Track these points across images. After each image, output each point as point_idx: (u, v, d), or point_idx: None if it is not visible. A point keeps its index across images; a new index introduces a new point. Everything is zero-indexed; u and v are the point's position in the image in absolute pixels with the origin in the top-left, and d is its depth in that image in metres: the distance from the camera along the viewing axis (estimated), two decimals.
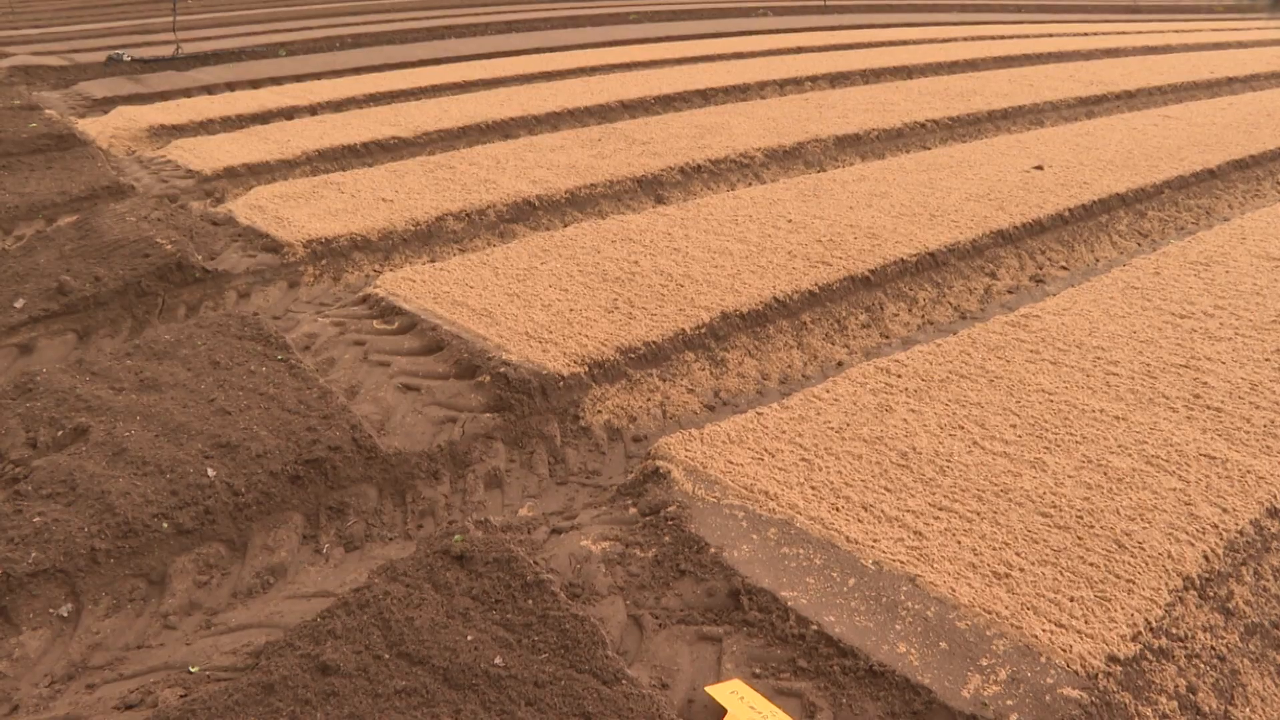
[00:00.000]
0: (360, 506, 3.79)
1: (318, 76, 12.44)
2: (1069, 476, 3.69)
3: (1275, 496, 3.61)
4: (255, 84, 11.90)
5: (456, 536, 3.25)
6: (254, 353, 4.62)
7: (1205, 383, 4.51)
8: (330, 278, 6.03)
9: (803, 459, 3.77)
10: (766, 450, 3.83)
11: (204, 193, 7.48)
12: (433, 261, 6.12)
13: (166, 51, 13.93)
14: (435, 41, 16.31)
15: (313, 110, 10.28)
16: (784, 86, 12.21)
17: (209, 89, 11.60)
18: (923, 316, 5.73)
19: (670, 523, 3.39)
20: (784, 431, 3.98)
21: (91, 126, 9.27)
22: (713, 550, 3.23)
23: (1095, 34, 20.99)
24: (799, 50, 15.56)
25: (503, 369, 4.42)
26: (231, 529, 3.53)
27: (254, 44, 15.09)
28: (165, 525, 3.42)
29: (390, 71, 12.73)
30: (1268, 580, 3.31)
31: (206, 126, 9.43)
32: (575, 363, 4.52)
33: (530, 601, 2.96)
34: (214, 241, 6.22)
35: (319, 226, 6.35)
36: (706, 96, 11.27)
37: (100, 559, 3.29)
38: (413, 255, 6.35)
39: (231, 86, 11.76)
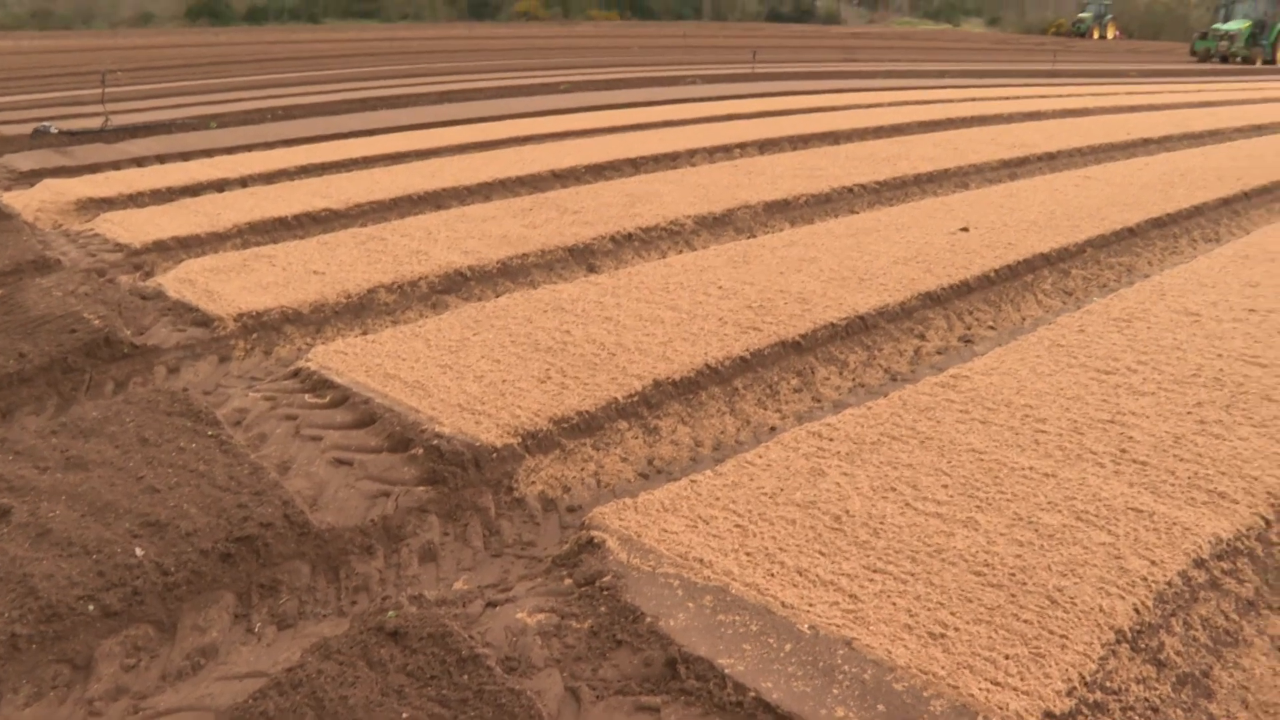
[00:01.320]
0: (293, 584, 3.75)
1: (249, 148, 12.43)
2: (1001, 535, 3.73)
3: (1201, 547, 3.67)
4: (185, 156, 11.86)
5: (390, 612, 3.23)
6: (184, 429, 4.57)
7: (1130, 437, 4.59)
8: (262, 352, 5.99)
9: (737, 525, 3.79)
10: (701, 517, 3.84)
11: (133, 266, 7.42)
12: (365, 334, 6.11)
13: (95, 123, 13.87)
14: (368, 113, 16.36)
15: (244, 182, 10.26)
16: (714, 154, 12.37)
17: (138, 161, 11.55)
18: (853, 379, 5.79)
19: (606, 593, 3.39)
20: (718, 498, 3.99)
21: (17, 199, 9.18)
22: (649, 620, 3.23)
23: (1017, 98, 21.48)
24: (729, 118, 15.77)
25: (436, 441, 4.40)
26: (160, 610, 3.48)
27: (184, 116, 15.06)
28: (91, 608, 3.36)
29: (322, 143, 12.76)
30: (1196, 630, 3.36)
31: (136, 199, 9.38)
32: (508, 434, 4.52)
33: (466, 677, 2.94)
34: (143, 316, 6.17)
35: (250, 300, 6.32)
36: (637, 165, 11.38)
37: (21, 645, 3.22)
38: (345, 328, 6.33)
39: (161, 159, 11.71)
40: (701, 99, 18.71)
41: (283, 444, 4.59)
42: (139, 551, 3.60)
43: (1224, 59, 50.81)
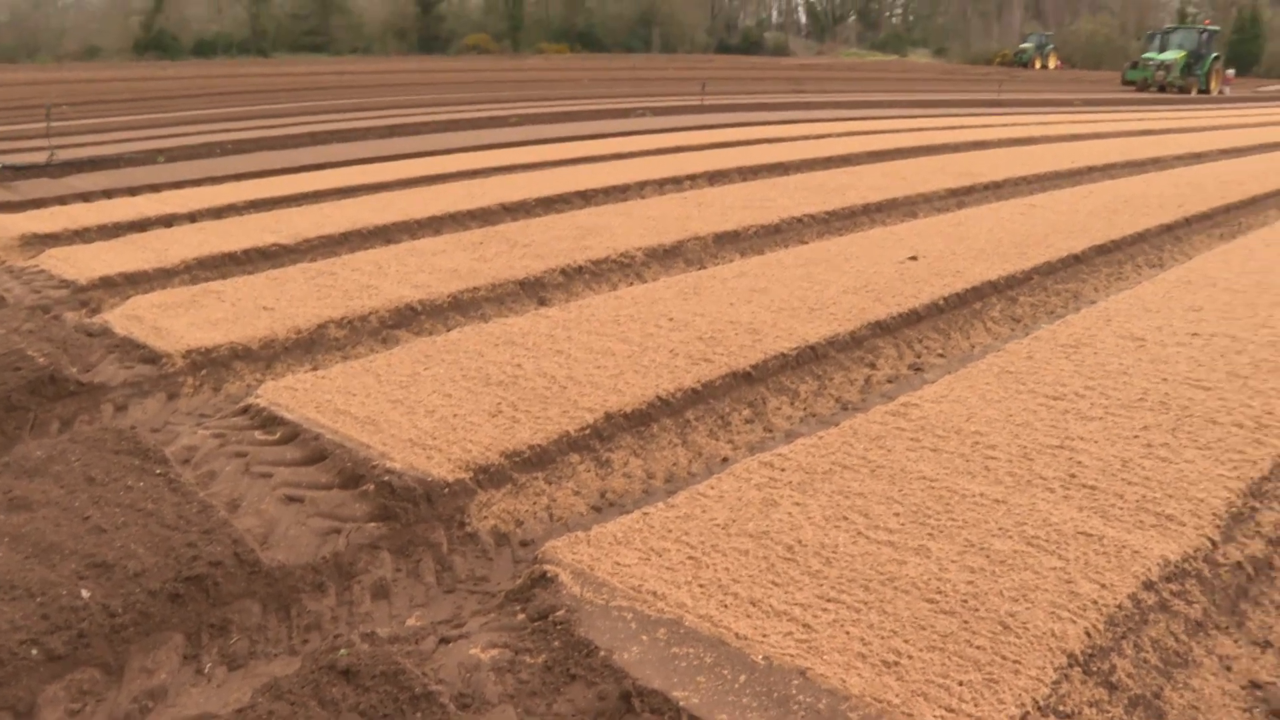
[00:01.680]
0: (243, 623, 3.71)
1: (197, 183, 12.35)
2: (952, 561, 3.75)
3: (1150, 570, 3.72)
4: (133, 191, 11.77)
5: (342, 650, 3.20)
6: (131, 468, 4.52)
7: (1079, 462, 4.64)
8: (211, 388, 5.95)
9: (690, 557, 3.79)
10: (654, 550, 3.84)
11: (79, 303, 7.35)
12: (315, 369, 6.07)
13: (40, 158, 13.73)
14: (317, 147, 16.33)
15: (192, 217, 10.19)
16: (664, 185, 12.43)
17: (85, 196, 11.44)
18: (805, 409, 5.82)
19: (559, 627, 3.38)
20: (670, 530, 4.00)
21: None
22: (603, 653, 3.23)
23: (963, 127, 21.76)
24: (678, 150, 15.86)
25: (387, 477, 4.38)
26: (107, 652, 3.43)
27: (131, 150, 14.95)
28: (35, 651, 3.31)
29: (272, 177, 12.71)
30: (1147, 652, 3.40)
31: (82, 235, 9.29)
32: (460, 468, 4.51)
33: (419, 714, 2.92)
34: (89, 353, 6.10)
35: (199, 336, 6.27)
36: (587, 197, 11.41)
37: None
38: (295, 363, 6.29)
39: (108, 194, 11.61)
40: (651, 131, 18.81)
41: (232, 481, 4.55)
42: (85, 593, 3.56)
43: (1161, 88, 51.79)
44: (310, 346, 6.47)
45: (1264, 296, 7.77)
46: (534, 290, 7.74)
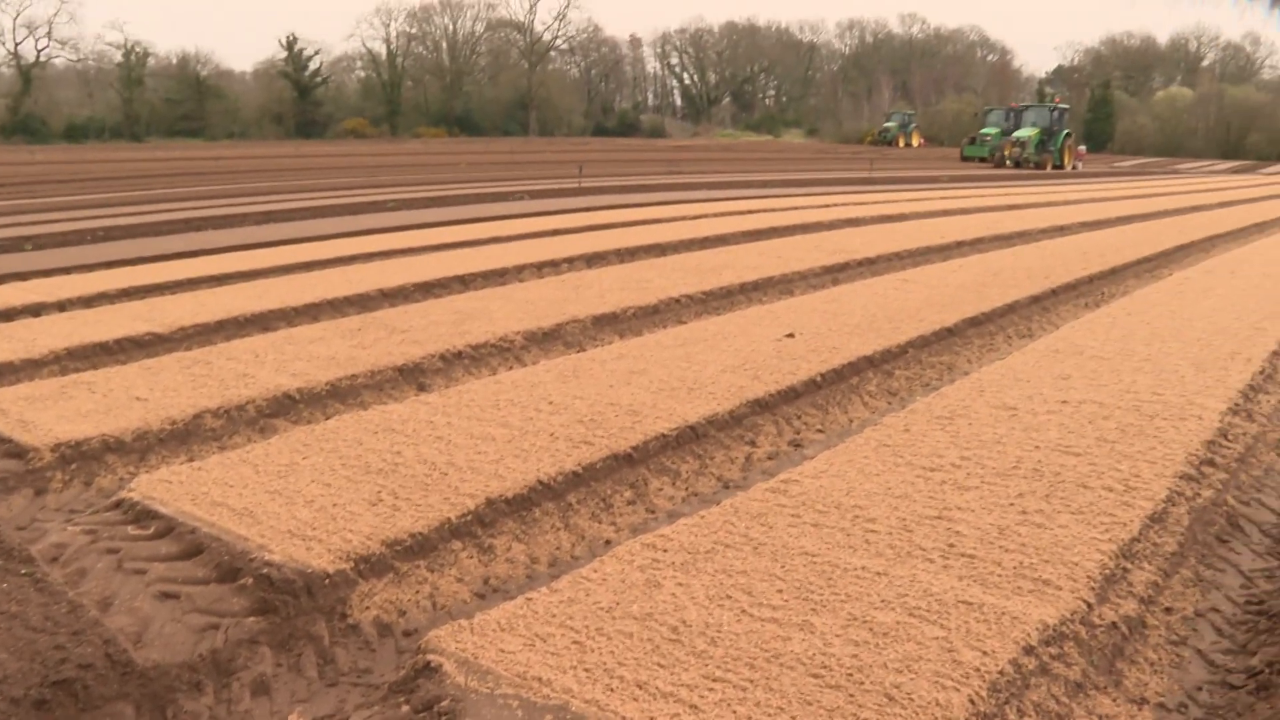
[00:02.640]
0: None
1: (67, 271, 12.12)
2: (837, 636, 3.81)
3: (1030, 635, 3.81)
4: None
5: None
6: None
7: (958, 531, 4.76)
8: (81, 483, 5.80)
9: (575, 641, 3.79)
10: (538, 635, 3.84)
11: None
12: (191, 461, 5.96)
13: None
14: (192, 233, 16.13)
15: (61, 306, 9.97)
16: (542, 269, 12.50)
17: None
18: (686, 489, 5.87)
19: (444, 718, 3.36)
20: (555, 615, 4.00)
21: None
22: None
23: (837, 205, 22.29)
24: (556, 233, 15.98)
25: (266, 570, 4.32)
26: None
27: None
28: None
29: (145, 265, 12.51)
30: (1030, 716, 3.48)
31: None
32: (341, 559, 4.46)
33: None
34: None
35: (68, 429, 6.13)
36: (466, 282, 11.43)
37: None
38: (170, 455, 6.17)
39: None
40: (529, 214, 18.93)
41: (104, 579, 4.44)
42: None
43: (1017, 164, 53.25)
44: (185, 438, 6.36)
45: (1127, 363, 8.08)
46: (413, 376, 7.71)
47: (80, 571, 4.52)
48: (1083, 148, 61.32)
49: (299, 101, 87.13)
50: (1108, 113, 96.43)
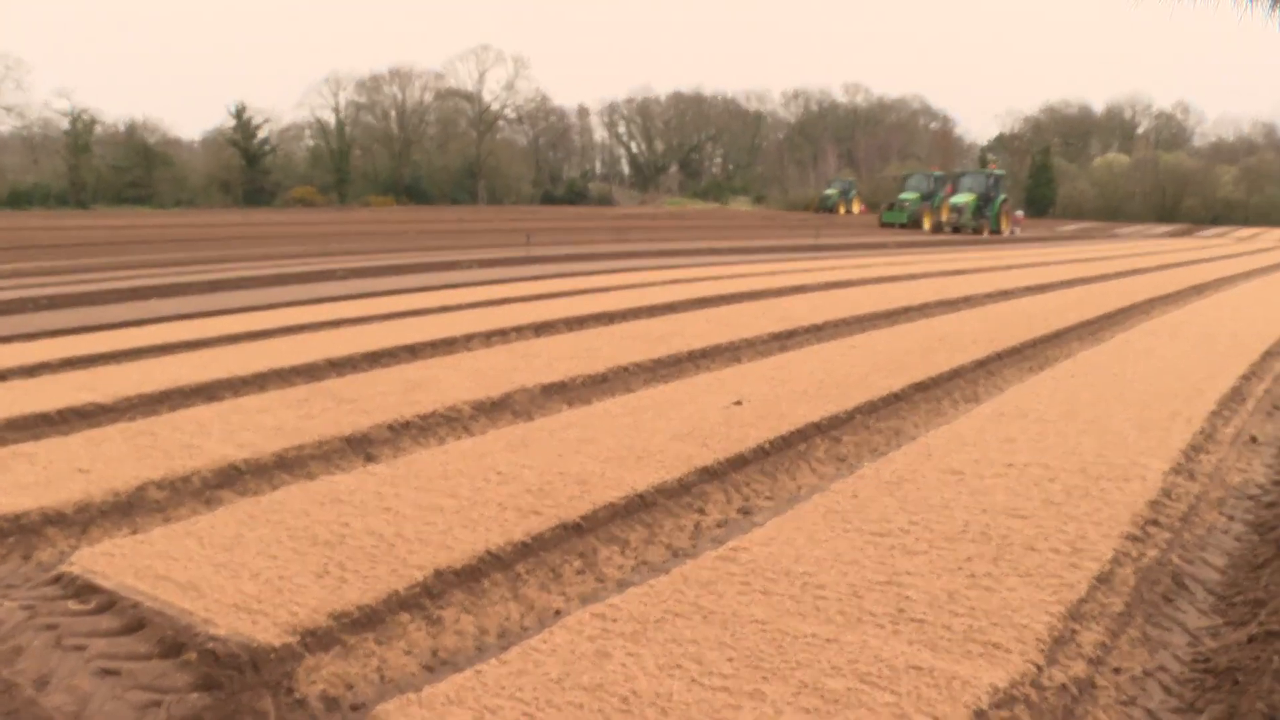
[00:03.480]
0: None
1: (8, 340, 11.98)
2: (788, 703, 3.81)
3: (980, 699, 3.84)
4: None
5: None
6: None
7: (907, 596, 4.79)
8: (20, 557, 5.71)
9: (524, 714, 3.77)
10: (487, 708, 3.81)
11: None
12: (134, 534, 5.89)
13: None
14: (137, 302, 16.00)
15: (2, 376, 9.85)
16: (490, 338, 12.50)
17: None
18: (636, 558, 5.87)
19: None
20: (504, 687, 3.97)
21: None
22: None
23: (784, 272, 22.50)
24: (505, 301, 16.00)
25: (210, 644, 4.27)
26: None
27: None
28: None
29: (88, 334, 12.40)
30: None
31: None
32: (287, 632, 4.41)
33: None
34: None
35: (7, 502, 6.04)
36: (414, 351, 11.41)
37: None
38: (112, 528, 6.10)
39: None
40: (478, 283, 18.96)
41: (41, 656, 4.37)
42: None
43: (955, 230, 53.77)
44: (129, 510, 6.28)
45: (1071, 425, 8.19)
46: (361, 447, 7.68)
47: (16, 649, 4.45)
48: (1020, 212, 61.66)
49: (247, 169, 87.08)
50: (1048, 178, 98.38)
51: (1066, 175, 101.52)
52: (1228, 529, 6.57)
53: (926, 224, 57.06)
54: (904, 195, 61.59)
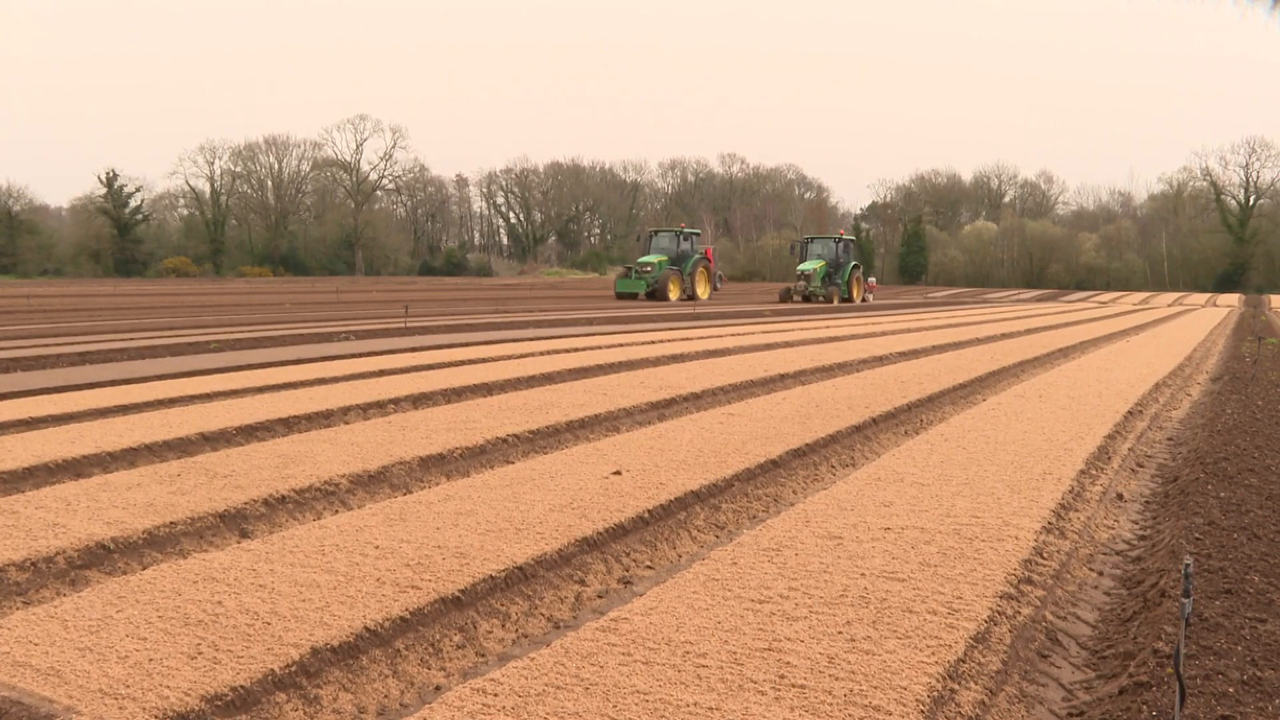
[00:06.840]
0: None
1: None
2: None
3: None
4: None
5: None
6: None
7: (788, 662, 4.83)
8: None
9: None
10: None
11: None
12: None
13: None
14: None
15: None
16: (368, 410, 12.38)
17: None
18: (517, 630, 5.84)
19: None
20: None
21: None
22: None
23: (662, 342, 22.66)
24: (382, 373, 15.86)
25: None
26: None
27: None
28: None
29: None
30: None
31: None
32: (156, 717, 4.29)
33: None
34: None
35: None
36: (290, 424, 11.24)
37: None
38: None
39: None
40: (355, 355, 18.77)
41: None
42: None
43: (806, 298, 52.99)
44: None
45: (946, 488, 8.38)
46: (235, 522, 7.53)
47: None
48: (873, 279, 60.73)
49: (118, 239, 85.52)
50: (920, 245, 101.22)
51: (938, 243, 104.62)
52: (1098, 584, 6.78)
53: (673, 294, 51.08)
54: (645, 259, 52.85)
